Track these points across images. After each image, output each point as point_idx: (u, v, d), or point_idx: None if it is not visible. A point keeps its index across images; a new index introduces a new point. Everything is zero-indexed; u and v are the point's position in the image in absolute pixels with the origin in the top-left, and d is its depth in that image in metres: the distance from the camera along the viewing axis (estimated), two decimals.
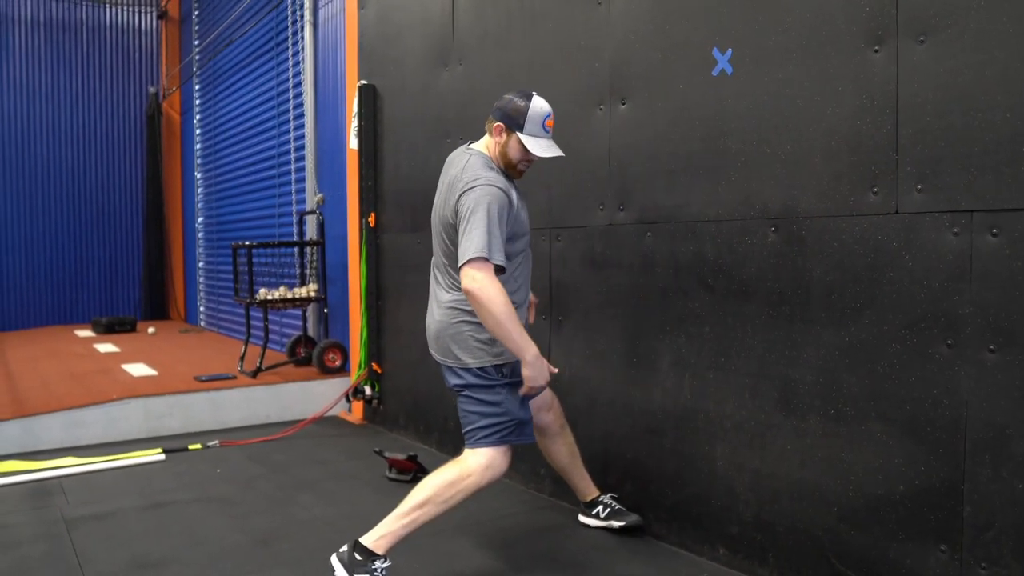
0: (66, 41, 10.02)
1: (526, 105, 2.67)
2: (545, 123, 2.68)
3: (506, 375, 2.66)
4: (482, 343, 2.65)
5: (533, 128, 2.66)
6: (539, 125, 2.67)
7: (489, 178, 2.59)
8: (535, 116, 2.66)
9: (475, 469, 2.62)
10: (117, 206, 10.30)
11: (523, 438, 2.70)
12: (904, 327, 2.34)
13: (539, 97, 2.71)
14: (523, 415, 2.69)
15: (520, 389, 2.63)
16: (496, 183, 2.58)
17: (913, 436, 2.33)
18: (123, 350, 7.16)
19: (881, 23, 2.36)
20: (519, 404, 2.67)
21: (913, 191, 2.31)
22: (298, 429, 4.93)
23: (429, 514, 2.62)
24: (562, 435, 3.09)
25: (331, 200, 5.99)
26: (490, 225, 2.50)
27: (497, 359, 2.65)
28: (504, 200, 2.57)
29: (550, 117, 2.70)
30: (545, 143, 2.69)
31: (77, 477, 4.04)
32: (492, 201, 2.53)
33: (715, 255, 2.88)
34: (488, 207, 2.52)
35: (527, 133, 2.66)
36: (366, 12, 5.14)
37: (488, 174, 2.61)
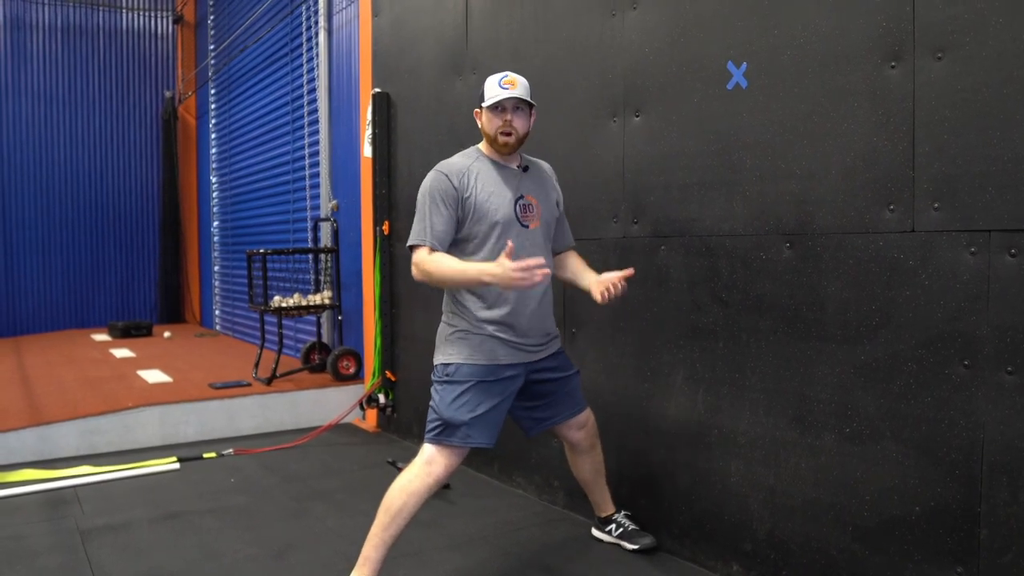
0: (83, 46, 10.10)
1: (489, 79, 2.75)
2: (502, 82, 2.70)
3: (449, 375, 2.70)
4: (440, 340, 2.79)
5: (492, 91, 2.70)
6: (496, 86, 2.69)
7: (440, 165, 2.72)
8: (490, 83, 2.71)
9: (417, 466, 2.69)
10: (133, 210, 10.38)
11: (455, 440, 2.66)
12: (920, 347, 2.31)
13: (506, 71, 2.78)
14: (450, 415, 2.64)
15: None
16: (442, 168, 2.69)
17: (929, 457, 2.30)
18: (139, 355, 7.21)
19: (898, 39, 2.34)
20: (451, 403, 2.66)
21: (930, 209, 2.28)
22: (312, 437, 4.94)
23: (392, 527, 2.63)
24: (590, 453, 3.07)
25: (345, 207, 6.00)
26: (422, 212, 2.66)
27: (444, 356, 2.74)
28: (441, 183, 2.66)
29: (507, 77, 2.71)
30: (498, 95, 2.68)
31: (93, 486, 4.07)
32: (429, 188, 2.67)
33: (729, 270, 2.86)
34: (423, 195, 2.67)
35: (487, 98, 2.70)
36: (380, 20, 5.14)
37: (446, 162, 2.73)
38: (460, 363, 2.70)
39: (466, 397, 2.66)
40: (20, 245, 9.73)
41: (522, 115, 2.73)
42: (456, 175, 2.68)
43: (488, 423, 2.69)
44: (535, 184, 2.83)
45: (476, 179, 2.70)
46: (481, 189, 2.70)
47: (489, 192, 2.70)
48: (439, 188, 2.66)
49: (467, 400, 2.66)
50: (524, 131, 2.74)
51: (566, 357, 3.00)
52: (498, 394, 2.71)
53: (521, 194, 2.76)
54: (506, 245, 2.48)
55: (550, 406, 2.92)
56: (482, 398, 2.67)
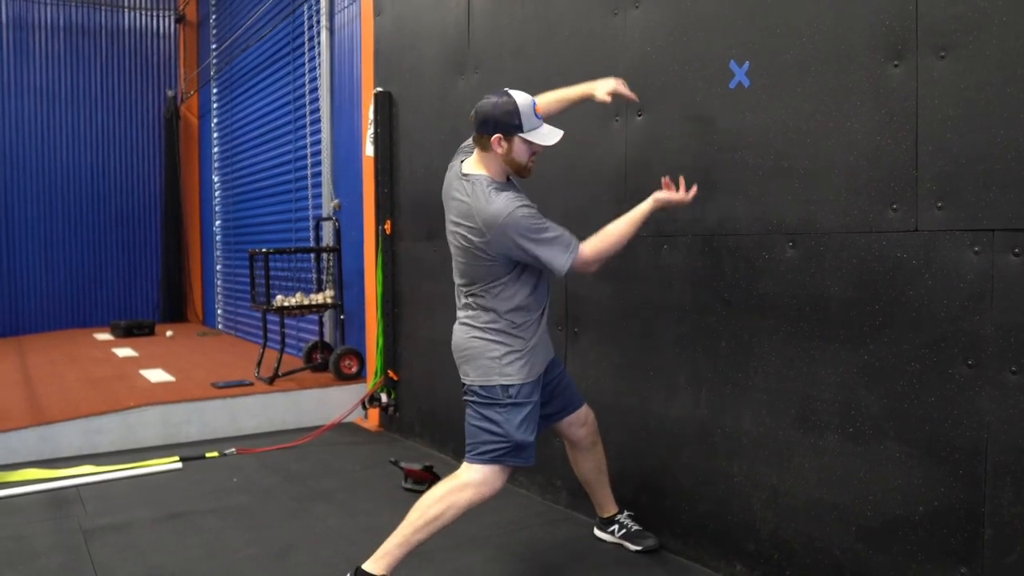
0: (85, 45, 10.11)
1: (513, 103, 2.60)
2: (535, 111, 2.64)
3: (512, 396, 2.64)
4: (491, 360, 2.64)
5: (530, 122, 2.62)
6: (532, 116, 2.63)
7: (509, 201, 2.56)
8: (526, 109, 2.61)
9: (469, 483, 2.63)
10: (135, 209, 10.38)
11: (520, 460, 2.66)
12: (923, 346, 2.31)
13: (515, 90, 2.66)
14: (522, 438, 2.63)
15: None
16: (517, 202, 2.57)
17: (932, 457, 2.29)
18: (141, 354, 7.21)
19: (901, 37, 2.33)
20: (518, 426, 2.63)
21: (933, 208, 2.27)
22: (314, 437, 4.94)
23: (423, 532, 2.62)
24: (592, 451, 3.07)
25: (347, 206, 6.00)
26: (543, 230, 2.56)
27: (504, 379, 2.63)
28: (533, 208, 2.60)
29: (537, 103, 2.67)
30: (547, 130, 2.66)
31: (95, 486, 4.07)
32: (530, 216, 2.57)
33: (732, 270, 2.85)
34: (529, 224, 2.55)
35: (528, 129, 2.61)
36: (382, 19, 5.14)
37: (504, 197, 2.57)
38: (521, 383, 2.66)
39: (532, 418, 2.69)
40: (23, 244, 9.74)
41: None
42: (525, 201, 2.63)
43: (535, 443, 2.73)
44: None
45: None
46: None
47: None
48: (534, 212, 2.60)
49: (531, 420, 2.68)
50: None
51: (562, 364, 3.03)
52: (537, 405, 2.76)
53: None
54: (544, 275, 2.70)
55: (553, 403, 2.93)
56: (537, 414, 2.72)
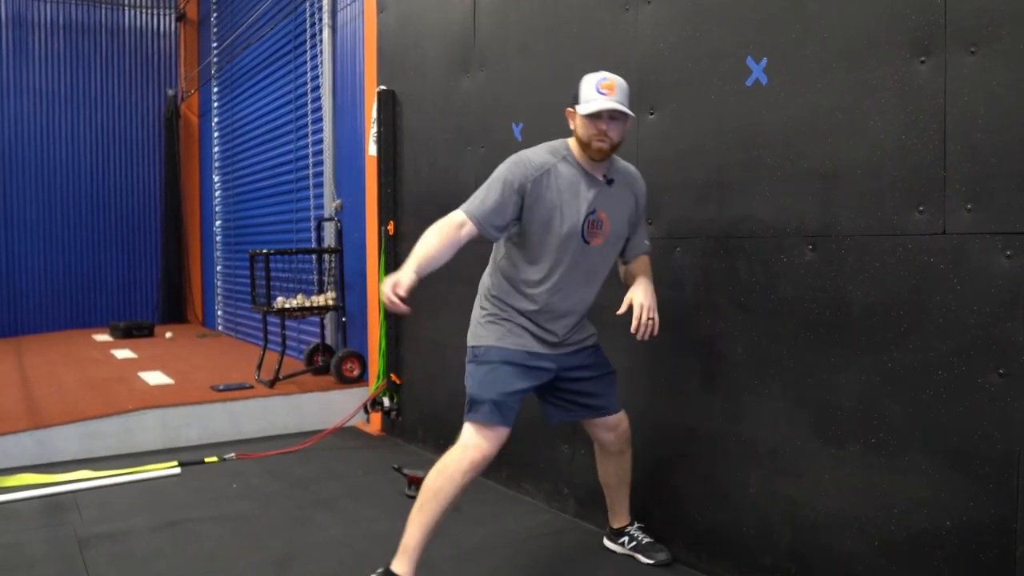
0: (85, 44, 10.02)
1: (582, 79, 2.60)
2: (599, 86, 2.54)
3: (477, 356, 2.71)
4: (474, 323, 2.78)
5: (588, 95, 2.56)
6: (593, 89, 2.54)
7: (526, 152, 2.63)
8: (587, 84, 2.57)
9: (455, 447, 2.62)
10: (135, 209, 10.30)
11: (476, 416, 2.62)
12: (952, 354, 2.22)
13: (603, 72, 2.61)
14: (475, 392, 2.64)
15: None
16: (525, 157, 2.61)
17: (961, 469, 2.20)
18: (140, 356, 7.12)
19: (928, 32, 2.24)
20: (477, 382, 2.65)
21: (962, 210, 2.18)
22: (315, 441, 4.85)
23: (428, 510, 2.58)
24: (618, 458, 2.97)
25: (349, 206, 5.91)
26: (485, 186, 2.59)
27: (475, 339, 2.75)
28: (518, 171, 2.57)
29: (605, 80, 2.55)
30: (595, 99, 2.54)
31: (92, 492, 3.98)
32: (504, 170, 2.59)
33: (748, 273, 2.77)
34: (496, 173, 2.60)
35: (583, 101, 2.56)
36: (385, 16, 5.05)
37: (532, 151, 2.64)
38: (489, 345, 2.69)
39: (492, 376, 2.65)
40: (21, 244, 9.65)
41: (618, 123, 2.58)
42: (536, 168, 2.59)
43: (510, 404, 2.65)
44: (614, 199, 2.70)
45: (554, 181, 2.60)
46: (556, 194, 2.60)
47: (563, 200, 2.60)
48: (513, 174, 2.58)
49: (493, 379, 2.64)
50: (619, 139, 2.61)
51: (602, 354, 2.92)
52: (523, 379, 2.67)
53: (594, 208, 2.64)
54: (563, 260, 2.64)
55: (578, 402, 2.86)
56: (508, 379, 2.65)
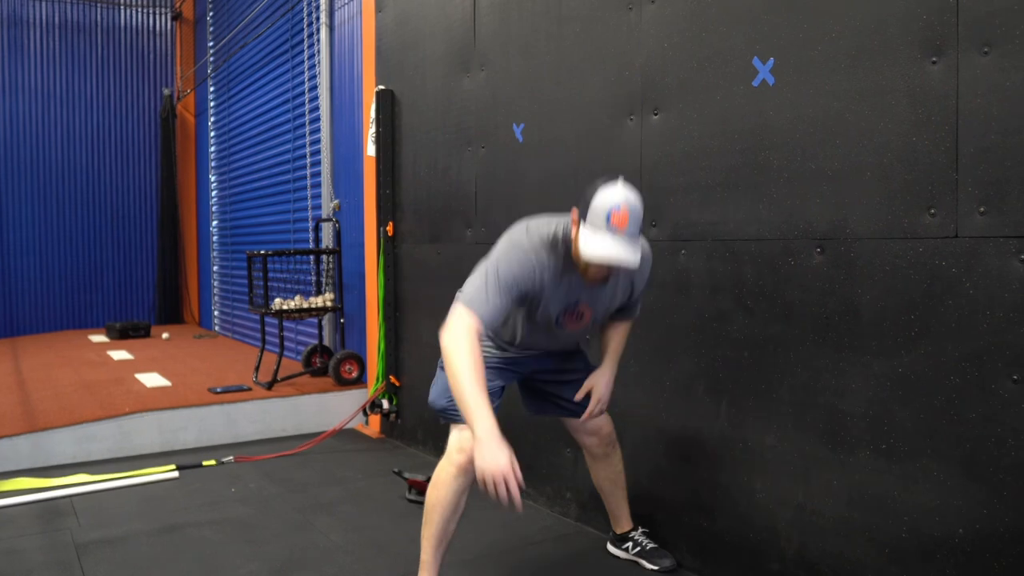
0: (80, 43, 9.95)
1: (597, 193, 2.24)
2: (610, 216, 2.18)
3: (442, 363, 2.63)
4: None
5: (594, 219, 2.20)
6: (601, 217, 2.20)
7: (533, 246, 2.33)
8: (599, 206, 2.20)
9: (443, 457, 2.59)
10: (131, 209, 10.23)
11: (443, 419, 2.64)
12: (964, 359, 2.18)
13: (621, 186, 2.24)
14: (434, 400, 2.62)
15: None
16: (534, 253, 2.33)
17: (973, 476, 2.17)
18: (137, 357, 7.07)
19: (940, 32, 2.21)
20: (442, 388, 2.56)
21: (975, 213, 2.15)
22: (314, 444, 4.80)
23: (428, 525, 2.58)
24: (605, 461, 2.94)
25: (347, 207, 5.87)
26: (490, 280, 2.29)
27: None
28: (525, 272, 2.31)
29: (618, 209, 2.18)
30: (601, 240, 2.20)
31: (89, 496, 3.93)
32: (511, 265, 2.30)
33: (755, 276, 2.73)
34: (501, 264, 2.31)
35: (587, 224, 2.23)
36: (384, 15, 5.00)
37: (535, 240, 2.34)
38: None
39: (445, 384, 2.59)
40: (17, 244, 9.58)
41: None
42: (537, 267, 2.34)
43: None
44: (605, 293, 2.53)
45: (547, 280, 2.38)
46: (542, 289, 2.40)
47: (547, 295, 2.42)
48: (520, 276, 2.31)
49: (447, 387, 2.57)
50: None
51: (584, 357, 2.88)
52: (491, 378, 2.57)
53: (577, 300, 2.49)
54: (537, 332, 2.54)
55: (549, 403, 2.85)
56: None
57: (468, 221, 4.21)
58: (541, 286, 2.37)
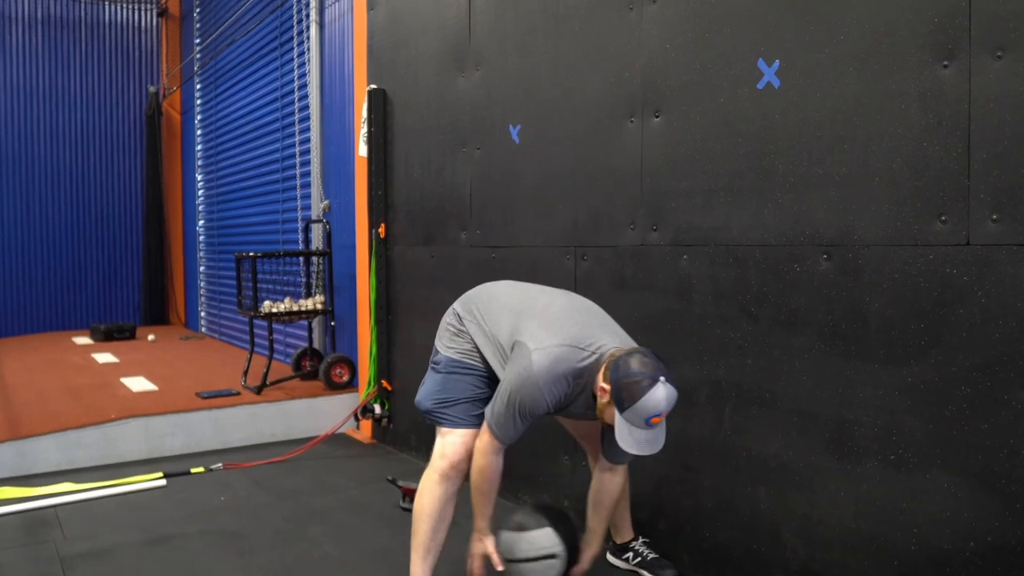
0: (64, 39, 9.79)
1: (640, 393, 2.24)
2: (650, 420, 2.27)
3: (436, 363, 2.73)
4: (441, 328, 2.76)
5: (634, 418, 2.27)
6: (642, 419, 2.27)
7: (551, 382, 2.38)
8: (642, 410, 2.25)
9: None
10: (116, 208, 10.08)
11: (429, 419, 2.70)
12: (975, 369, 2.14)
13: (663, 387, 2.25)
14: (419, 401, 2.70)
15: None
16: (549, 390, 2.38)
17: (985, 488, 2.13)
18: (122, 360, 6.95)
19: (951, 35, 2.16)
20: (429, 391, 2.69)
21: (987, 221, 2.11)
22: (305, 450, 4.72)
23: (416, 534, 2.60)
24: (613, 468, 2.87)
25: (338, 208, 5.79)
26: (513, 409, 2.42)
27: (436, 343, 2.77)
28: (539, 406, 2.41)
29: (659, 415, 2.26)
30: (639, 437, 2.28)
31: (74, 506, 3.84)
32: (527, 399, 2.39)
33: (759, 282, 2.68)
34: (521, 396, 2.39)
35: (625, 418, 2.29)
36: (376, 13, 4.92)
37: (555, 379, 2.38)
38: (446, 355, 2.68)
39: (439, 387, 2.64)
40: None
41: None
42: (554, 400, 2.42)
43: (466, 407, 2.62)
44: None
45: (568, 401, 2.47)
46: (564, 408, 2.51)
47: (571, 409, 2.53)
48: (533, 408, 2.41)
49: (439, 389, 2.64)
50: None
51: None
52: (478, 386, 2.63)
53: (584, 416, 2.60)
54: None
55: None
56: (457, 388, 2.62)
57: (463, 223, 4.14)
58: (558, 407, 2.49)
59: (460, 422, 2.60)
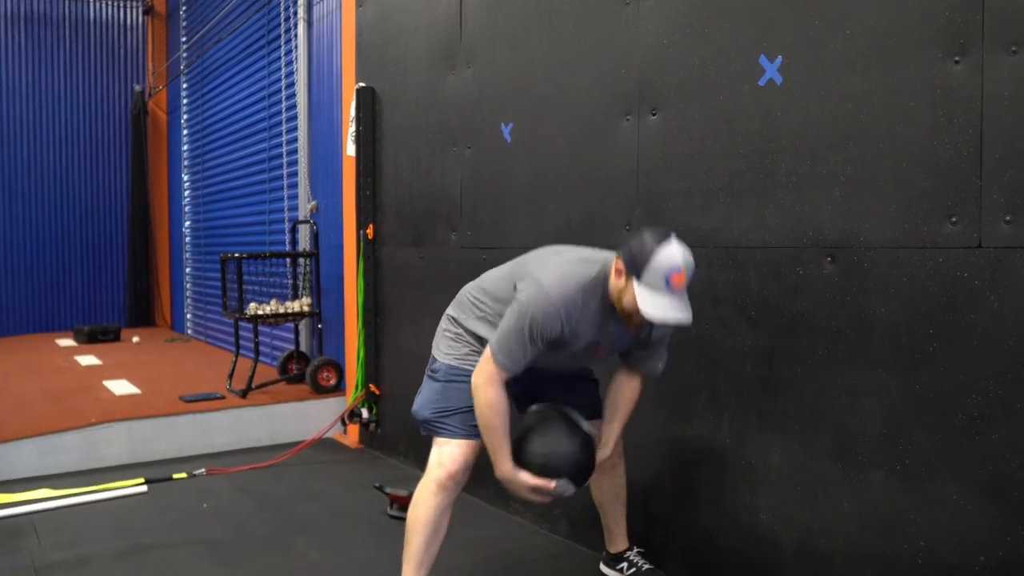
0: (48, 37, 9.65)
1: (653, 249, 2.19)
2: (670, 278, 2.18)
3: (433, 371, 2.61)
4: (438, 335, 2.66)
5: (652, 279, 2.19)
6: (661, 278, 2.18)
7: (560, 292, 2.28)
8: (658, 267, 2.18)
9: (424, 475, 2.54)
10: (101, 208, 9.94)
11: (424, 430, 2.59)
12: (987, 377, 2.06)
13: (677, 244, 2.21)
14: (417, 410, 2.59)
15: None
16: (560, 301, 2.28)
17: (998, 501, 2.04)
18: (105, 363, 6.82)
19: (963, 30, 2.08)
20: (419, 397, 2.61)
21: (1000, 222, 2.03)
22: (291, 455, 4.61)
23: (408, 546, 2.49)
24: (612, 472, 2.75)
25: (326, 208, 5.68)
26: (520, 334, 2.30)
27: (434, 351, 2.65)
28: (551, 323, 2.29)
29: (678, 271, 2.18)
30: (663, 301, 2.19)
31: (51, 513, 3.72)
32: (536, 318, 2.28)
33: (760, 285, 2.59)
34: (527, 317, 2.28)
35: (644, 283, 2.20)
36: (364, 10, 4.83)
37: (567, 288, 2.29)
38: (445, 363, 2.57)
39: (437, 396, 2.53)
40: None
41: None
42: (570, 318, 2.31)
43: (465, 417, 2.48)
44: (627, 336, 2.48)
45: (579, 323, 2.35)
46: (574, 332, 2.36)
47: (579, 335, 2.38)
48: (547, 328, 2.29)
49: (438, 399, 2.53)
50: None
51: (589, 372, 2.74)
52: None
53: (598, 340, 2.44)
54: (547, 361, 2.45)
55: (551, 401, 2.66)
56: (456, 397, 2.50)
57: (452, 224, 4.04)
58: (570, 332, 2.35)
59: (459, 432, 2.49)
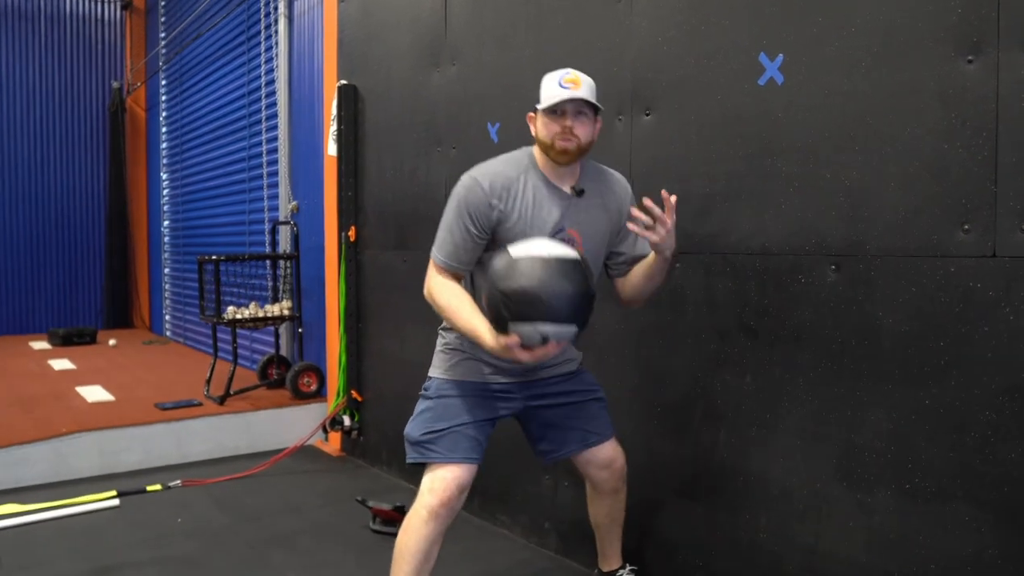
0: (23, 31, 9.42)
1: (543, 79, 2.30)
2: (562, 81, 2.24)
3: (425, 389, 2.47)
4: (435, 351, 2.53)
5: (550, 92, 2.25)
6: (555, 86, 2.24)
7: (480, 170, 2.32)
8: (547, 82, 2.27)
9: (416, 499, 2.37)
10: (77, 208, 9.72)
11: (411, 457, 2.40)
12: (1002, 392, 1.95)
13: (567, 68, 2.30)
14: (409, 432, 2.40)
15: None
16: (481, 177, 2.29)
17: (1013, 523, 1.94)
18: (79, 367, 6.64)
19: (977, 28, 1.97)
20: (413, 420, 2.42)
21: (1016, 230, 1.92)
22: (270, 464, 4.47)
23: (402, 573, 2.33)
24: (612, 497, 2.62)
25: (307, 209, 5.53)
26: (448, 226, 2.31)
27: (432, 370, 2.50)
28: (476, 196, 2.26)
29: (568, 75, 2.24)
30: (558, 91, 2.23)
31: (15, 531, 3.55)
32: (461, 198, 2.29)
33: (759, 294, 2.48)
34: (453, 204, 2.31)
35: (544, 100, 2.26)
36: (347, 5, 4.68)
37: (485, 169, 2.33)
38: (435, 377, 2.46)
39: (429, 414, 2.39)
40: None
41: (585, 121, 2.25)
42: (496, 190, 2.26)
43: (457, 439, 2.34)
44: (586, 213, 2.35)
45: (518, 199, 2.27)
46: (520, 215, 2.27)
47: (528, 219, 2.27)
48: (473, 203, 2.25)
49: (429, 417, 2.38)
50: (587, 140, 2.27)
51: (586, 378, 2.57)
52: (476, 410, 2.37)
53: (563, 226, 2.31)
54: None
55: (556, 437, 2.51)
56: (448, 414, 2.36)
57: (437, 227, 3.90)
58: (509, 208, 2.28)
59: (450, 456, 2.33)
